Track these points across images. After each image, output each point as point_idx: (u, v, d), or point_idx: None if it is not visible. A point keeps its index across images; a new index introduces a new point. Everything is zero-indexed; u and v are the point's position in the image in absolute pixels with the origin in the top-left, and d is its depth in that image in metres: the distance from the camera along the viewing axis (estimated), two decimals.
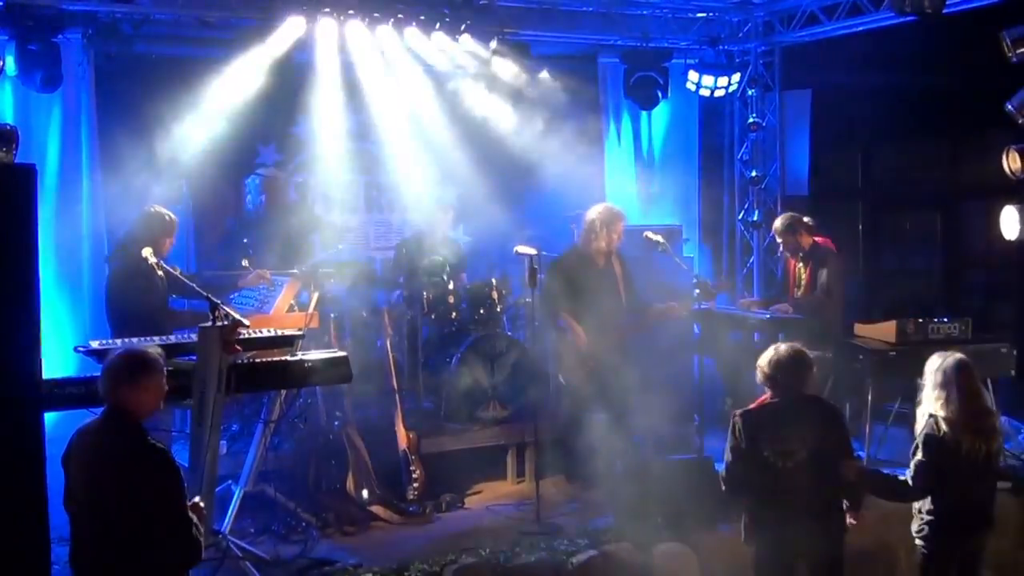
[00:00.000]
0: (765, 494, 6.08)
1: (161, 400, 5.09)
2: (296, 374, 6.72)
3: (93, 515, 4.90)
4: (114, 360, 5.02)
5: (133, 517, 4.79)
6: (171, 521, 4.87)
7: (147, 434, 4.95)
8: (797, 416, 6.06)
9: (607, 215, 8.89)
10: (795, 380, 6.13)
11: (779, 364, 6.13)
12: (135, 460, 4.84)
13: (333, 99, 10.78)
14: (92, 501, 4.89)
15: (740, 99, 12.13)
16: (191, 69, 9.92)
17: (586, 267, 8.85)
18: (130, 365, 4.98)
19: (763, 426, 6.06)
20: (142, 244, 7.63)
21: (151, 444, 4.89)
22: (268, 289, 8.39)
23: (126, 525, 4.80)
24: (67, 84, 9.28)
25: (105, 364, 5.06)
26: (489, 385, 9.24)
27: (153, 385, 5.01)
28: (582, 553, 7.23)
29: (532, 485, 8.40)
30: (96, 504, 4.87)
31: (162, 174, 9.58)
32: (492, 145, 11.38)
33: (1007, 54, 8.43)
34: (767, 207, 12.06)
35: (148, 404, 5.00)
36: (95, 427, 5.00)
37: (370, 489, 8.18)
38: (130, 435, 4.89)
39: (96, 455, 4.90)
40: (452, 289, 9.49)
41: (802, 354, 6.20)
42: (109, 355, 5.14)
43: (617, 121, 11.93)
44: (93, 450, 4.93)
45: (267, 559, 7.07)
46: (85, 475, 4.93)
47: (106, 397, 4.99)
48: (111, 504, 4.81)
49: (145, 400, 4.98)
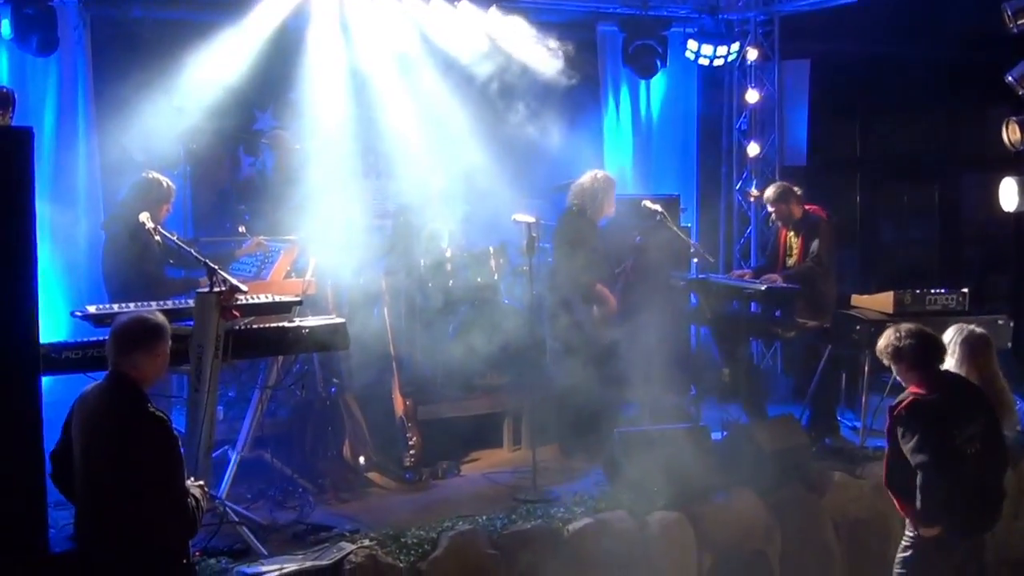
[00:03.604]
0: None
1: (165, 366, 5.09)
2: (293, 340, 6.73)
3: (93, 479, 4.91)
4: (124, 324, 5.01)
5: (129, 483, 4.79)
6: (167, 491, 4.89)
7: (150, 401, 4.95)
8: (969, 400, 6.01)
9: (610, 182, 8.96)
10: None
11: (933, 347, 6.05)
12: (135, 427, 4.84)
13: (331, 65, 10.75)
14: (91, 466, 4.90)
15: (739, 69, 12.09)
16: (188, 33, 9.86)
17: (594, 232, 8.90)
18: (141, 330, 4.98)
19: (948, 415, 5.91)
20: (139, 210, 7.61)
21: (152, 413, 4.89)
22: (265, 255, 8.38)
23: (123, 491, 4.80)
24: (63, 48, 9.23)
25: (114, 328, 5.05)
26: (486, 353, 9.25)
27: (161, 352, 5.02)
28: (578, 521, 7.24)
29: (528, 453, 8.41)
30: (95, 469, 4.88)
31: (159, 139, 9.53)
32: (490, 112, 11.34)
33: (1008, 25, 8.40)
34: (765, 177, 12.03)
35: (154, 371, 5.00)
36: (98, 392, 4.99)
37: (367, 456, 8.19)
38: (133, 402, 4.89)
39: (98, 420, 4.90)
40: (450, 257, 9.47)
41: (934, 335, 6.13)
42: (115, 320, 5.13)
43: (615, 90, 11.88)
44: (95, 415, 4.93)
45: (263, 524, 7.07)
46: (86, 440, 4.93)
47: (112, 362, 4.98)
48: (109, 469, 4.82)
49: (152, 366, 4.98)
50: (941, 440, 5.79)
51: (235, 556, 6.47)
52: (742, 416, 9.04)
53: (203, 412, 6.00)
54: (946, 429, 5.83)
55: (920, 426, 5.83)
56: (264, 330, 6.61)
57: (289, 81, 10.76)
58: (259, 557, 6.49)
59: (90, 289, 9.03)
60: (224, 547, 6.56)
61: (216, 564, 6.30)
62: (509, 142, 11.29)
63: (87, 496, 4.97)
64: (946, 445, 5.80)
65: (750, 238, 12.25)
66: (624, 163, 11.81)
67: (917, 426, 5.84)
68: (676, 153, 12.07)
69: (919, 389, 5.97)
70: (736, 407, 9.15)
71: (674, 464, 7.64)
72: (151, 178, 8.10)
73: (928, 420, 5.83)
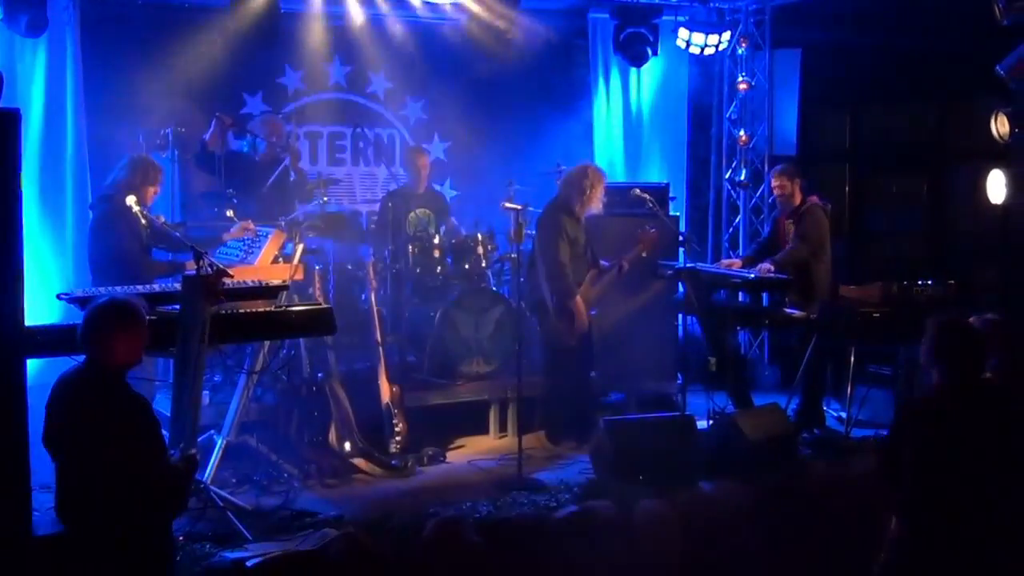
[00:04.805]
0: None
1: (141, 350, 5.06)
2: (280, 325, 6.70)
3: (73, 464, 4.89)
4: (96, 308, 4.99)
5: (109, 467, 4.78)
6: (150, 472, 4.87)
7: (128, 385, 4.94)
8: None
9: (603, 178, 8.93)
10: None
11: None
12: (112, 411, 4.82)
13: (321, 50, 10.75)
14: (72, 450, 4.88)
15: (730, 58, 12.09)
16: (178, 15, 9.87)
17: (576, 226, 8.88)
18: (114, 314, 4.96)
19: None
20: (126, 192, 7.58)
21: (129, 396, 4.88)
22: (253, 240, 8.36)
23: (105, 475, 4.79)
24: (52, 28, 9.17)
25: (86, 313, 5.04)
26: (473, 340, 9.26)
27: (134, 335, 4.99)
28: (563, 509, 7.24)
29: (514, 440, 8.42)
30: (77, 453, 4.86)
31: (148, 121, 9.51)
32: (480, 99, 11.36)
33: (999, 16, 8.40)
34: (754, 167, 12.05)
35: (130, 354, 4.97)
36: (74, 377, 4.98)
37: (352, 442, 8.19)
38: (108, 386, 4.88)
39: (74, 406, 4.88)
40: (437, 243, 9.47)
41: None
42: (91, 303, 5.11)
43: (606, 77, 11.87)
44: (71, 400, 4.91)
45: (248, 509, 7.06)
46: (65, 424, 4.92)
47: (85, 346, 4.96)
48: (91, 454, 4.80)
49: (127, 350, 4.95)
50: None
51: (219, 541, 6.46)
52: (728, 405, 9.05)
53: (189, 396, 5.98)
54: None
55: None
56: (251, 315, 6.58)
57: (279, 65, 10.79)
58: (243, 542, 6.48)
59: (77, 272, 9.01)
60: (208, 532, 6.55)
61: (200, 549, 6.29)
62: (499, 128, 11.33)
63: (67, 480, 4.96)
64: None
65: (739, 227, 12.25)
66: (614, 151, 11.81)
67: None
68: (666, 141, 12.06)
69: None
70: (722, 396, 9.15)
71: (660, 452, 7.66)
72: (140, 159, 8.07)
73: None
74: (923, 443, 5.55)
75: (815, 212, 9.41)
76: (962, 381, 5.59)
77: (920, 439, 5.57)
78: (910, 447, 5.60)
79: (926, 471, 5.53)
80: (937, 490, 5.50)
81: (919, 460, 5.55)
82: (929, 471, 5.52)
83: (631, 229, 9.35)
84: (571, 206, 8.90)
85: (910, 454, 5.59)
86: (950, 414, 5.54)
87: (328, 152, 11.25)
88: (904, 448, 5.64)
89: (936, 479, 5.50)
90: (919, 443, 5.56)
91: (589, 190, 8.82)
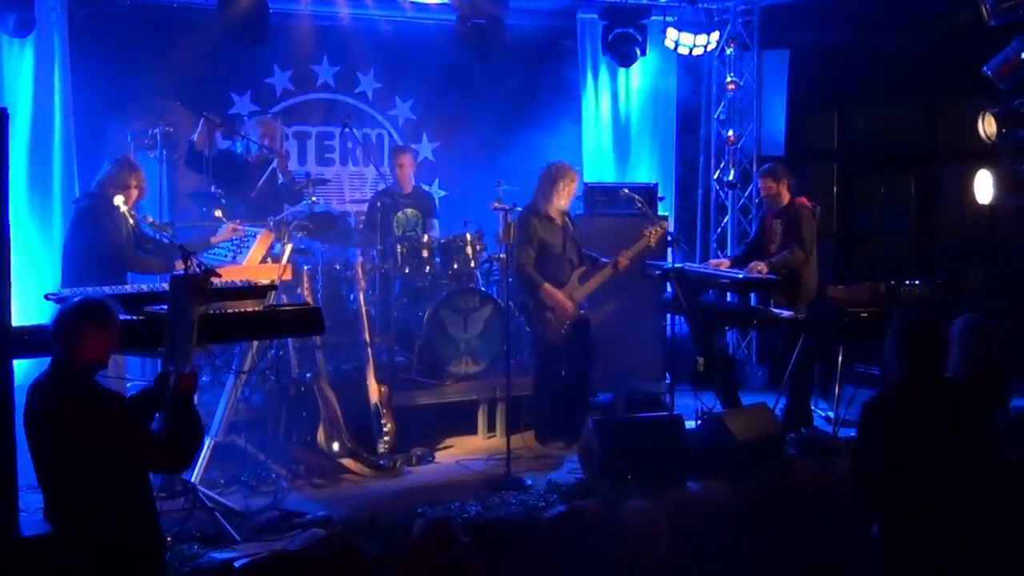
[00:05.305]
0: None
1: (110, 349, 5.03)
2: (268, 325, 6.68)
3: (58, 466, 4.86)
4: (67, 307, 4.98)
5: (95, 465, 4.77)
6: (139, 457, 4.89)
7: (98, 382, 4.92)
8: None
9: (570, 174, 8.93)
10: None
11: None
12: (82, 410, 4.78)
13: (309, 50, 10.75)
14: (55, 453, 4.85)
15: (718, 58, 12.10)
16: (166, 15, 9.87)
17: (550, 226, 8.90)
18: (83, 311, 4.93)
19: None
20: (112, 190, 7.59)
21: (97, 393, 4.86)
22: (241, 240, 8.35)
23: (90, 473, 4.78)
24: (40, 28, 9.14)
25: (57, 311, 5.02)
26: (462, 340, 9.26)
27: (104, 332, 4.95)
28: (552, 509, 7.24)
29: (503, 440, 8.43)
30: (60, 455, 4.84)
31: (136, 121, 9.50)
32: (469, 99, 11.38)
33: (985, 17, 8.43)
34: (743, 167, 12.06)
35: (98, 351, 4.93)
36: (45, 380, 4.93)
37: (341, 442, 8.19)
38: (81, 384, 4.85)
39: (51, 407, 4.85)
40: (426, 243, 9.47)
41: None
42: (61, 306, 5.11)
43: (595, 77, 11.87)
44: (42, 404, 4.88)
45: (237, 510, 7.06)
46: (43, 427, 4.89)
47: (55, 343, 4.93)
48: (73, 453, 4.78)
49: (95, 346, 4.91)
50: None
51: (207, 541, 6.47)
52: (716, 405, 9.06)
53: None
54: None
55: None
56: (239, 315, 6.57)
57: (267, 66, 10.78)
58: (232, 542, 6.49)
59: (66, 272, 8.98)
60: (196, 532, 6.56)
61: (188, 549, 6.29)
62: (488, 129, 11.34)
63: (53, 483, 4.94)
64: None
65: (727, 227, 12.26)
66: (603, 151, 11.82)
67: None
68: (655, 142, 12.05)
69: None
70: (710, 396, 9.16)
71: (648, 452, 7.67)
72: (125, 160, 8.06)
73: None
74: (892, 440, 5.56)
75: (805, 216, 9.41)
76: (926, 376, 5.62)
77: (888, 436, 5.59)
78: (880, 446, 5.62)
79: (898, 468, 5.54)
80: (910, 486, 5.52)
81: (890, 458, 5.57)
82: (901, 467, 5.53)
83: (619, 229, 9.36)
84: (538, 206, 8.97)
85: (880, 453, 5.61)
86: (916, 410, 5.56)
87: (317, 152, 11.26)
88: (874, 447, 5.67)
89: (908, 475, 5.51)
90: (888, 441, 5.58)
91: (550, 187, 8.87)
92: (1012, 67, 8.51)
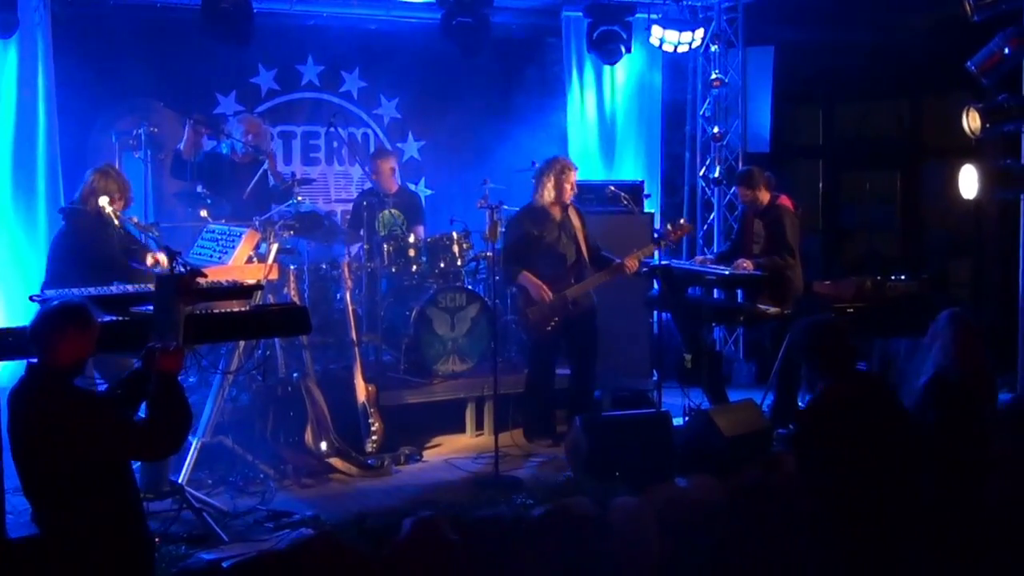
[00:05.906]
0: None
1: (88, 353, 5.01)
2: (255, 325, 6.66)
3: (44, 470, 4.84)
4: (45, 310, 4.96)
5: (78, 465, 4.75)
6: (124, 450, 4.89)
7: (75, 385, 4.89)
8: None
9: (557, 166, 8.92)
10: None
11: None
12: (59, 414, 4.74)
13: (294, 50, 10.74)
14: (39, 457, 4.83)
15: (703, 55, 12.11)
16: (149, 15, 9.83)
17: (542, 221, 8.87)
18: (61, 314, 4.90)
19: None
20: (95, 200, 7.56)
21: (73, 394, 4.83)
22: (227, 240, 8.32)
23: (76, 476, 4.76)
24: (23, 28, 9.11)
25: (36, 314, 5.00)
26: (449, 338, 9.25)
27: (82, 336, 4.91)
28: (540, 507, 7.24)
29: (491, 439, 8.42)
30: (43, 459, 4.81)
31: (120, 121, 9.48)
32: (454, 98, 11.38)
33: (969, 13, 8.45)
34: (728, 164, 12.07)
35: (75, 354, 4.90)
36: (23, 386, 4.90)
37: (328, 441, 8.18)
38: (59, 387, 4.81)
39: (31, 412, 4.81)
40: (412, 242, 9.46)
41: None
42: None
43: (580, 75, 11.87)
44: (27, 408, 4.84)
45: (224, 510, 7.05)
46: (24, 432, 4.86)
47: (33, 346, 4.90)
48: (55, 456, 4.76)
49: (72, 350, 4.88)
50: None
51: (195, 542, 6.45)
52: (704, 402, 9.07)
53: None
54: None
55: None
56: (225, 315, 6.55)
57: (252, 65, 10.76)
58: (219, 543, 6.47)
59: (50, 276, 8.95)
60: (184, 533, 6.56)
61: (176, 550, 6.27)
62: (474, 127, 11.34)
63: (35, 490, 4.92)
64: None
65: (713, 224, 12.28)
66: (589, 149, 11.82)
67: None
68: (641, 139, 12.06)
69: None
70: (697, 392, 9.17)
71: (635, 449, 7.67)
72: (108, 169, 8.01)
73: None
74: (826, 445, 5.60)
75: (788, 219, 9.40)
76: (847, 375, 5.66)
77: (824, 438, 5.62)
78: (816, 454, 5.66)
79: (835, 471, 5.57)
80: (846, 486, 5.54)
81: (826, 463, 5.60)
82: (837, 470, 5.56)
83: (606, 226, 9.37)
84: (531, 200, 8.99)
85: (815, 460, 5.65)
86: (846, 409, 5.60)
87: (302, 152, 11.24)
88: (811, 456, 5.71)
89: (844, 477, 5.54)
90: (823, 448, 5.62)
91: (539, 181, 8.88)
92: (995, 62, 8.55)
